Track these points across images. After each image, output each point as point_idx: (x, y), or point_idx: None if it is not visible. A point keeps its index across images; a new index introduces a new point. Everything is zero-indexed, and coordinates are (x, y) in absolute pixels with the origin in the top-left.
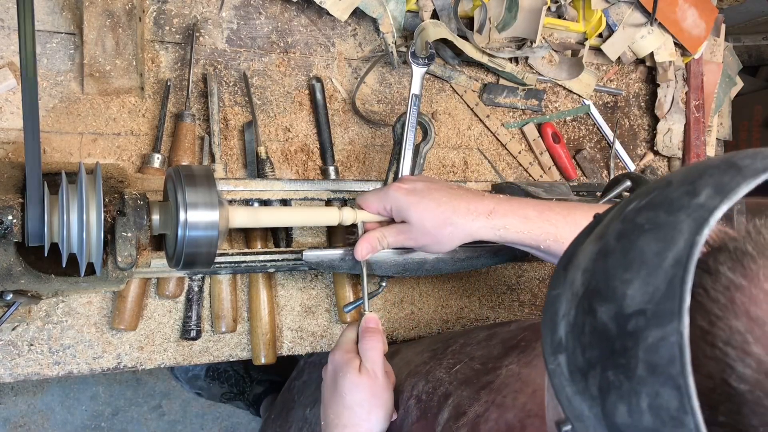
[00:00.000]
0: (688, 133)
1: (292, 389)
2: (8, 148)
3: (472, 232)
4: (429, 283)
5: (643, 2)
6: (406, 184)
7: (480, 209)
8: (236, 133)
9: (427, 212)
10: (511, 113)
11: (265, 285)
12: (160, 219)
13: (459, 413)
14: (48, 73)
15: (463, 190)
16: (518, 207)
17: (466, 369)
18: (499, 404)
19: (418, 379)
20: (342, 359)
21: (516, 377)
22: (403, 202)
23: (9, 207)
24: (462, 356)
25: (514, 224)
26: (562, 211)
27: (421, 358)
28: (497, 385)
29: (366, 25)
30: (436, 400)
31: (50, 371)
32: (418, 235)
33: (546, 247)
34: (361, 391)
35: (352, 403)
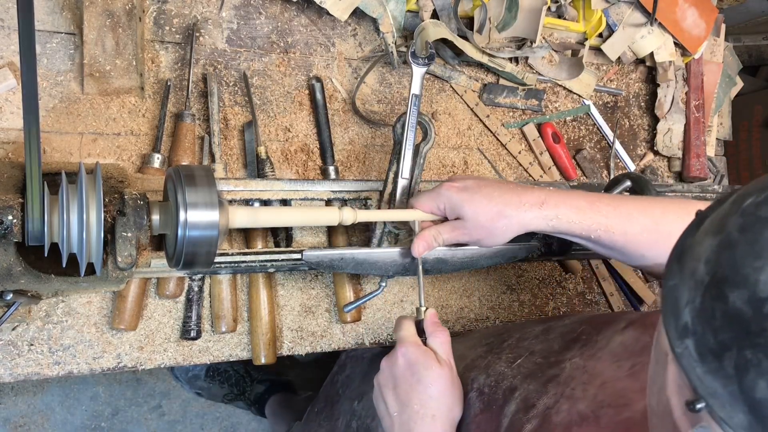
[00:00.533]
0: (688, 133)
1: (336, 383)
2: (8, 148)
3: (525, 223)
4: (429, 283)
5: (643, 2)
6: (458, 182)
7: (532, 200)
8: (236, 133)
9: (480, 207)
10: (511, 113)
11: (265, 285)
12: (160, 219)
13: (528, 405)
14: (48, 73)
15: (512, 184)
16: (569, 198)
17: (528, 363)
18: (569, 396)
19: (478, 373)
20: (418, 353)
21: (582, 370)
22: (456, 199)
23: (9, 207)
24: (521, 350)
25: (565, 214)
26: (612, 202)
27: (475, 352)
28: (564, 378)
29: (366, 25)
30: (501, 394)
31: (50, 371)
32: (473, 229)
33: (596, 237)
34: (444, 381)
35: (439, 393)
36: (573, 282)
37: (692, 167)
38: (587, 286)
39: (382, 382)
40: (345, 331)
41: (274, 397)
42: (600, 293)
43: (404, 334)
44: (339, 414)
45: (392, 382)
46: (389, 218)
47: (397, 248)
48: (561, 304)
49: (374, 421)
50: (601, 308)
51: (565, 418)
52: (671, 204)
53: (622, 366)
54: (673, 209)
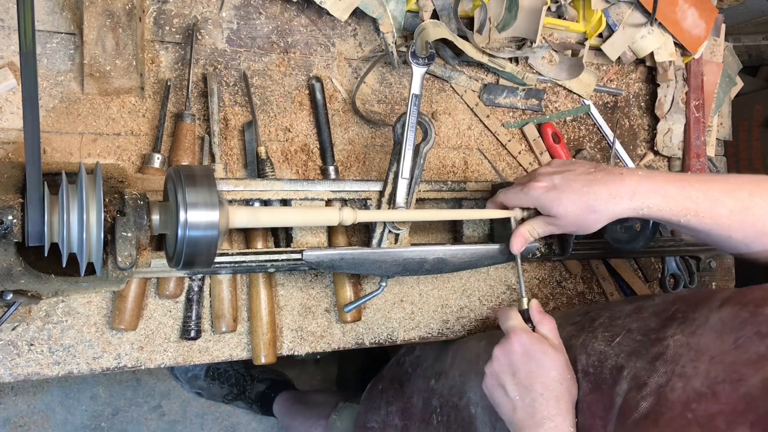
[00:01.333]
0: (688, 133)
1: (403, 363)
2: (8, 148)
3: (616, 214)
4: (429, 283)
5: (643, 2)
6: (544, 181)
7: (622, 192)
8: (236, 133)
9: (571, 204)
10: (511, 113)
11: (265, 285)
12: (160, 219)
13: (639, 384)
14: (48, 73)
15: (601, 173)
16: (659, 185)
17: (628, 341)
18: (680, 374)
19: (577, 353)
20: (533, 339)
21: (687, 347)
22: (545, 200)
23: (9, 207)
24: (616, 329)
25: (656, 203)
26: (701, 186)
27: (564, 332)
28: (670, 356)
29: (366, 25)
30: (608, 373)
31: (50, 371)
32: (565, 224)
33: (686, 221)
34: (562, 365)
35: (559, 376)
36: (573, 282)
37: (692, 167)
38: (587, 286)
39: (498, 369)
40: (345, 331)
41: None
42: (600, 293)
43: (514, 323)
44: (412, 392)
45: (510, 368)
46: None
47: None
48: (561, 304)
49: (462, 400)
50: None
51: (681, 396)
52: (759, 185)
53: (725, 341)
54: (760, 192)
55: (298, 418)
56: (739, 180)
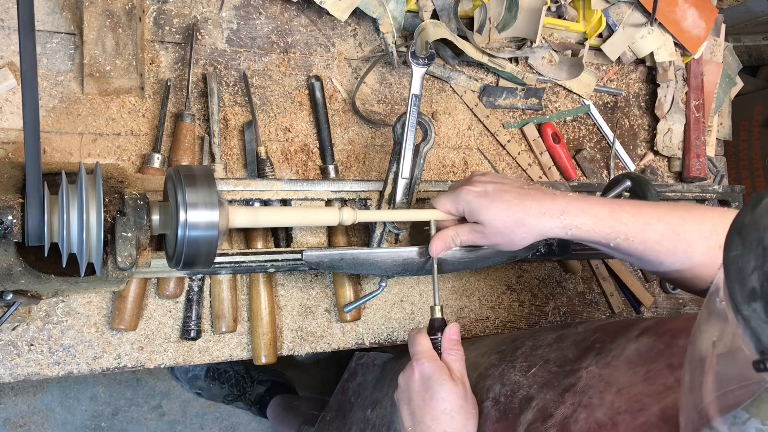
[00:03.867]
0: (688, 133)
1: (347, 391)
2: (8, 148)
3: (543, 231)
4: (429, 283)
5: (643, 2)
6: (477, 186)
7: (552, 210)
8: (236, 133)
9: (499, 214)
10: (511, 113)
11: (265, 285)
12: (160, 219)
13: (546, 415)
14: (48, 73)
15: (533, 190)
16: (589, 206)
17: (543, 372)
18: (586, 405)
19: (493, 382)
20: (434, 368)
21: (598, 378)
22: (475, 204)
23: (9, 207)
24: (535, 359)
25: (585, 223)
26: (631, 209)
27: (488, 360)
28: (581, 387)
29: (366, 25)
30: (517, 403)
31: (50, 371)
32: (491, 235)
33: (616, 245)
34: (458, 398)
35: (451, 409)
36: (573, 282)
37: (692, 167)
38: (587, 286)
39: (399, 396)
40: (345, 331)
41: (275, 399)
42: (600, 293)
43: (419, 349)
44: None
45: (407, 396)
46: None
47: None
48: (561, 304)
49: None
50: (601, 308)
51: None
52: (690, 212)
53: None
54: (691, 218)
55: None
56: (671, 206)
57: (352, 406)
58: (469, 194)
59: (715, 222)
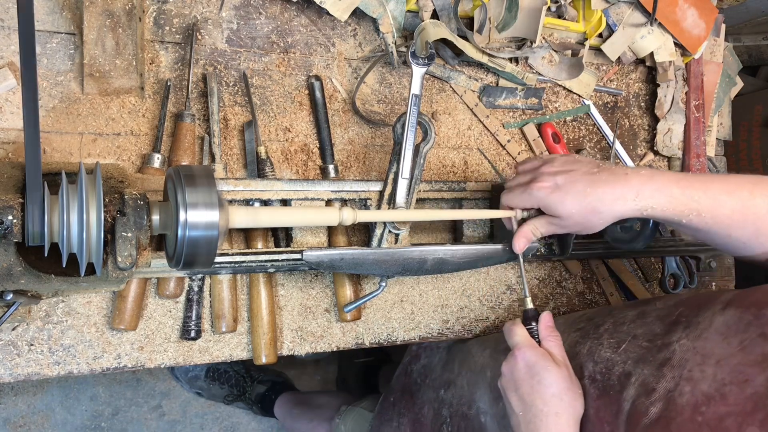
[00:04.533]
0: (688, 133)
1: (411, 373)
2: (8, 148)
3: (619, 214)
4: (429, 283)
5: (643, 2)
6: (547, 181)
7: (626, 194)
8: (236, 133)
9: (575, 205)
10: (511, 113)
11: (265, 285)
12: (160, 219)
13: (648, 390)
14: (48, 73)
15: (605, 173)
16: (663, 185)
17: (634, 347)
18: (688, 378)
19: (584, 360)
20: (536, 355)
21: (693, 351)
22: (549, 201)
23: (9, 207)
24: (622, 335)
25: (659, 203)
26: (702, 186)
27: (569, 338)
28: (677, 361)
29: (366, 25)
30: (615, 379)
31: (50, 371)
32: (568, 224)
33: (688, 221)
34: (564, 380)
35: (560, 392)
36: (573, 282)
37: (692, 167)
38: (587, 286)
39: (505, 385)
40: (345, 331)
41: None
42: (600, 293)
43: (519, 339)
44: (423, 403)
45: (514, 384)
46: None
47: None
48: (561, 304)
49: (471, 409)
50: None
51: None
52: (758, 185)
53: (731, 343)
54: (759, 191)
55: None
56: (739, 180)
57: (420, 387)
58: (541, 191)
59: None
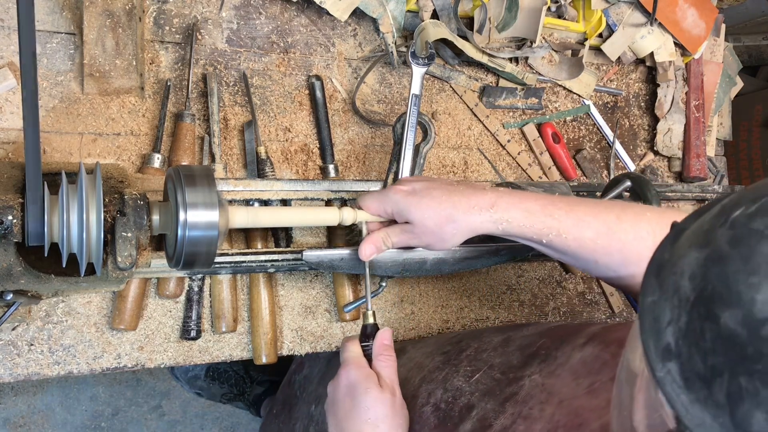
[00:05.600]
0: (688, 133)
1: (293, 384)
2: (8, 148)
3: (474, 227)
4: (429, 283)
5: (643, 2)
6: (405, 185)
7: (481, 203)
8: (236, 133)
9: (428, 211)
10: (511, 113)
11: (265, 285)
12: (160, 219)
13: (485, 426)
14: (48, 73)
15: (463, 186)
16: (520, 201)
17: (486, 378)
18: (526, 416)
19: (435, 387)
20: (360, 375)
21: (540, 388)
22: (403, 204)
23: (9, 207)
24: (479, 363)
25: (516, 218)
26: (564, 206)
27: (432, 362)
28: (522, 397)
29: (366, 25)
30: (457, 411)
31: (50, 371)
32: (421, 233)
33: (548, 241)
34: (384, 406)
35: (376, 419)
36: (573, 282)
37: (692, 167)
38: (587, 286)
39: (327, 405)
40: (345, 331)
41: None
42: (600, 293)
43: (348, 355)
44: (297, 418)
45: (333, 405)
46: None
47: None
48: (561, 304)
49: None
50: (601, 308)
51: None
52: (626, 210)
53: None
54: (628, 217)
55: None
56: (609, 204)
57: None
58: (397, 194)
59: (653, 222)
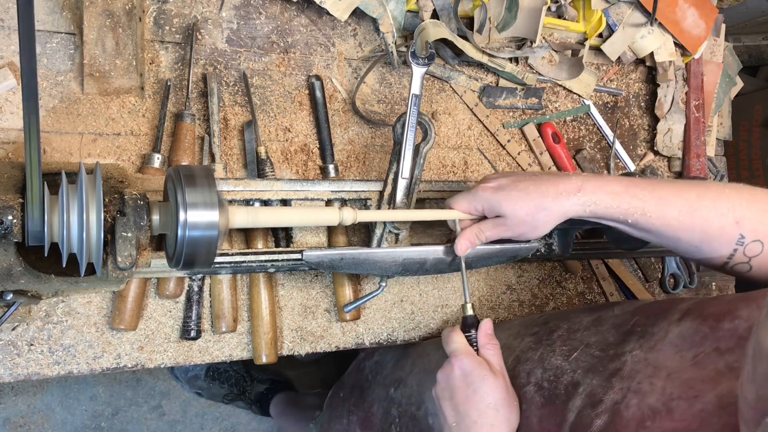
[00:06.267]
0: (688, 133)
1: (363, 369)
2: (8, 148)
3: (564, 211)
4: (429, 283)
5: (643, 2)
6: (491, 182)
7: (569, 189)
8: (236, 133)
9: (519, 202)
10: (511, 113)
11: (265, 285)
12: (160, 219)
13: (594, 401)
14: (48, 73)
15: (547, 175)
16: (605, 183)
17: (585, 356)
18: (636, 390)
19: (533, 366)
20: (473, 364)
21: (644, 363)
22: (494, 199)
23: (9, 207)
24: (575, 342)
25: (603, 200)
26: (647, 186)
27: (522, 342)
28: (627, 372)
29: (366, 25)
30: (563, 388)
31: (50, 371)
32: (514, 225)
33: (634, 221)
34: (501, 391)
35: (496, 403)
36: (573, 282)
37: (692, 167)
38: (587, 286)
39: (439, 393)
40: (345, 331)
41: (278, 396)
42: (600, 293)
43: (457, 346)
44: (373, 401)
45: (449, 392)
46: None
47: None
48: (561, 304)
49: (420, 410)
50: None
51: (636, 413)
52: (707, 189)
53: (684, 356)
54: (709, 195)
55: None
56: (688, 183)
57: (371, 384)
58: (485, 191)
59: (732, 199)
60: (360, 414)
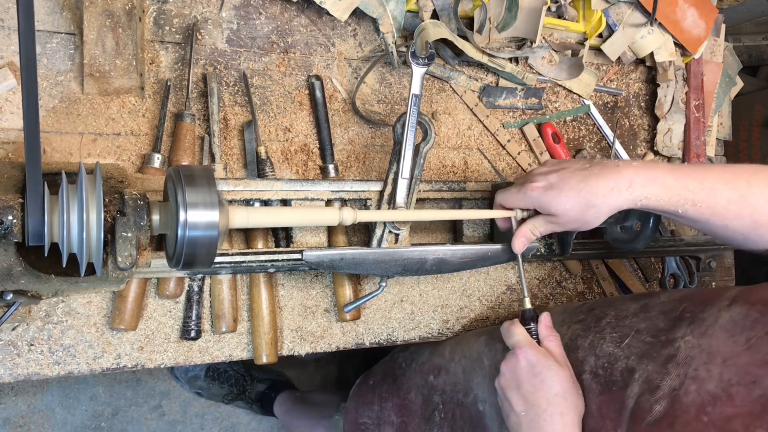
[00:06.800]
0: (688, 133)
1: (397, 358)
2: (8, 148)
3: (615, 206)
4: (429, 283)
5: (643, 2)
6: (540, 181)
7: (619, 185)
8: (236, 133)
9: (570, 202)
10: (511, 113)
11: (266, 285)
12: (160, 219)
13: (652, 387)
14: (48, 73)
15: (597, 167)
16: (656, 175)
17: (637, 342)
18: (693, 377)
19: (585, 354)
20: (538, 355)
21: (698, 349)
22: (544, 200)
23: (9, 207)
24: (625, 329)
25: (654, 193)
26: (697, 176)
27: (570, 330)
28: (682, 358)
29: (366, 25)
30: (618, 375)
31: (50, 371)
32: (566, 222)
33: (684, 211)
34: (567, 380)
35: (564, 392)
36: (573, 282)
37: None
38: (587, 286)
39: (504, 384)
40: (345, 331)
41: (282, 395)
42: (600, 293)
43: (519, 338)
44: (409, 387)
45: (515, 383)
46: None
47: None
48: (561, 304)
49: (468, 397)
50: None
51: (696, 399)
52: (756, 175)
53: (737, 341)
54: (758, 182)
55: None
56: (737, 169)
57: (404, 372)
58: (535, 191)
59: None
60: (395, 401)
